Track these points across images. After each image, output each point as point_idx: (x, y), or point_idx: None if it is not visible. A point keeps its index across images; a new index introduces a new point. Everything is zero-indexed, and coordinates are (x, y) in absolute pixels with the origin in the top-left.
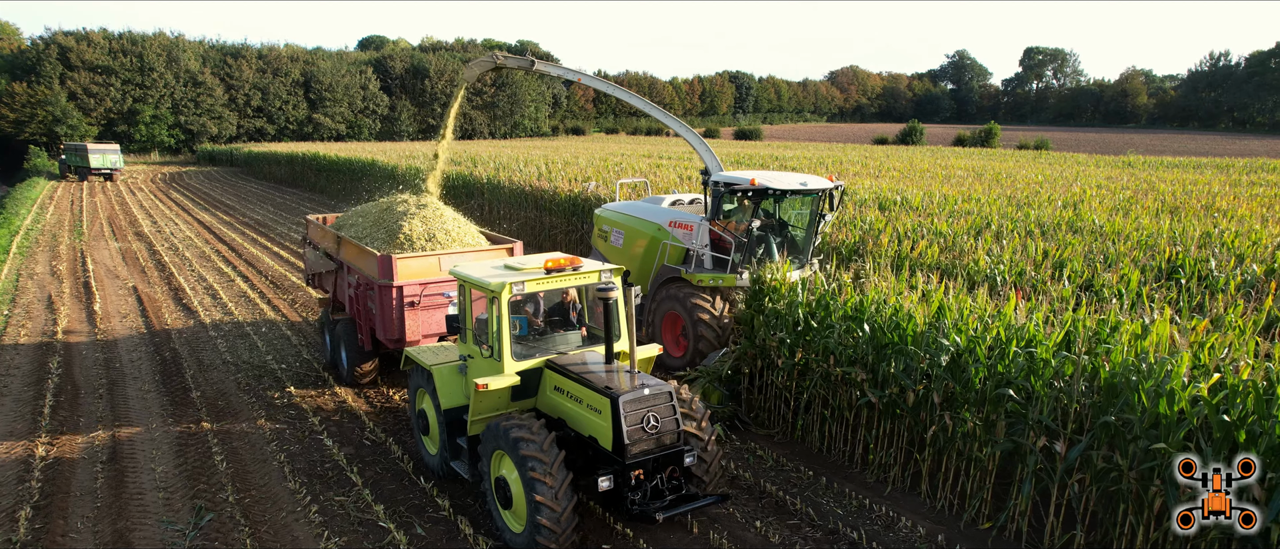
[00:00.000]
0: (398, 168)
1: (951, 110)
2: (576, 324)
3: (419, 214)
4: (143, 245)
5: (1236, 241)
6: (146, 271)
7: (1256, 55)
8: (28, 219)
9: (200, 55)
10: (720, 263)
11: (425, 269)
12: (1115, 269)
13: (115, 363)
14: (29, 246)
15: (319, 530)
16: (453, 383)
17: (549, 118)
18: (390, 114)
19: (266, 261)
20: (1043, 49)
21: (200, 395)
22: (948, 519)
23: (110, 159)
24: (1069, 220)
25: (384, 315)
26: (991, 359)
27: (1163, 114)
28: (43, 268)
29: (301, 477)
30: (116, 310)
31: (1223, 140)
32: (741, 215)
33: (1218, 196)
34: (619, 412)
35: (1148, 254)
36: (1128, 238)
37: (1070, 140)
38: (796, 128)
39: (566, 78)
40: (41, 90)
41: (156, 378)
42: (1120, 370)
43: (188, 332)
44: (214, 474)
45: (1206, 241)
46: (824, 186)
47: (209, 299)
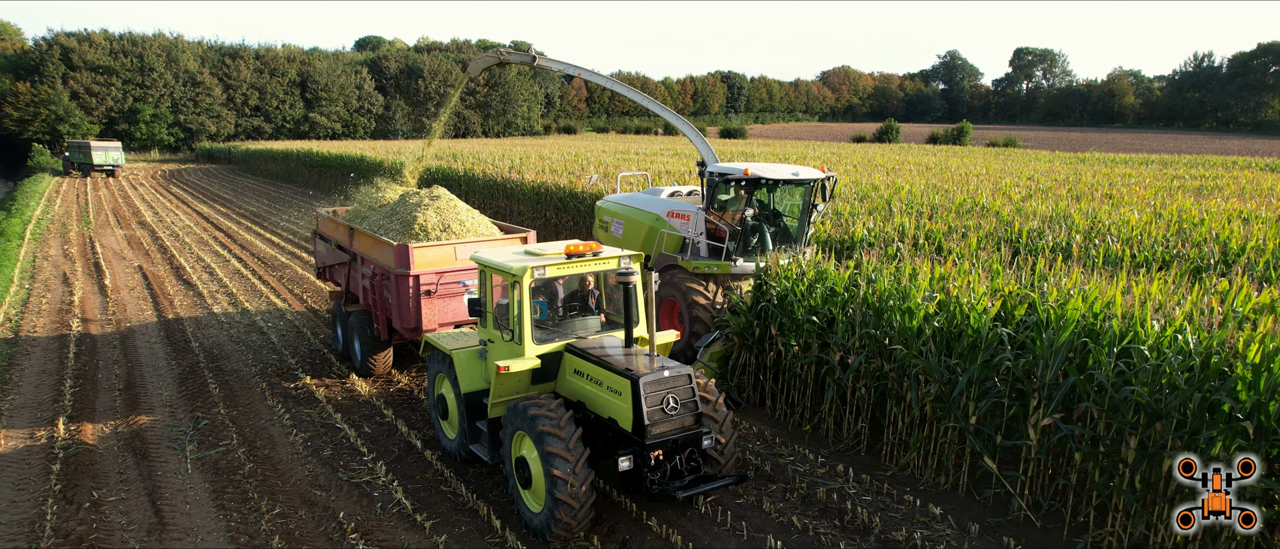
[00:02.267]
0: (383, 162)
1: (943, 110)
2: (594, 310)
3: (433, 205)
4: (145, 232)
5: (1082, 221)
6: (150, 254)
7: (1239, 56)
8: (37, 210)
9: (199, 56)
10: (715, 251)
11: (441, 258)
12: (969, 237)
13: (125, 323)
14: (41, 233)
15: (275, 404)
16: (473, 367)
17: (542, 117)
18: (385, 113)
19: (259, 246)
20: (1032, 49)
21: (199, 346)
22: (781, 423)
23: (113, 156)
24: (960, 203)
25: (401, 305)
26: (806, 296)
27: (1149, 114)
28: (56, 251)
29: (280, 396)
30: (124, 285)
31: (1204, 139)
32: (736, 205)
33: (1130, 188)
34: (639, 393)
35: (1001, 227)
36: (997, 215)
37: (1053, 139)
38: (786, 127)
39: (567, 73)
40: (45, 90)
41: (161, 333)
42: (883, 297)
43: (188, 301)
44: (208, 396)
45: (1063, 220)
46: (815, 177)
47: (207, 275)
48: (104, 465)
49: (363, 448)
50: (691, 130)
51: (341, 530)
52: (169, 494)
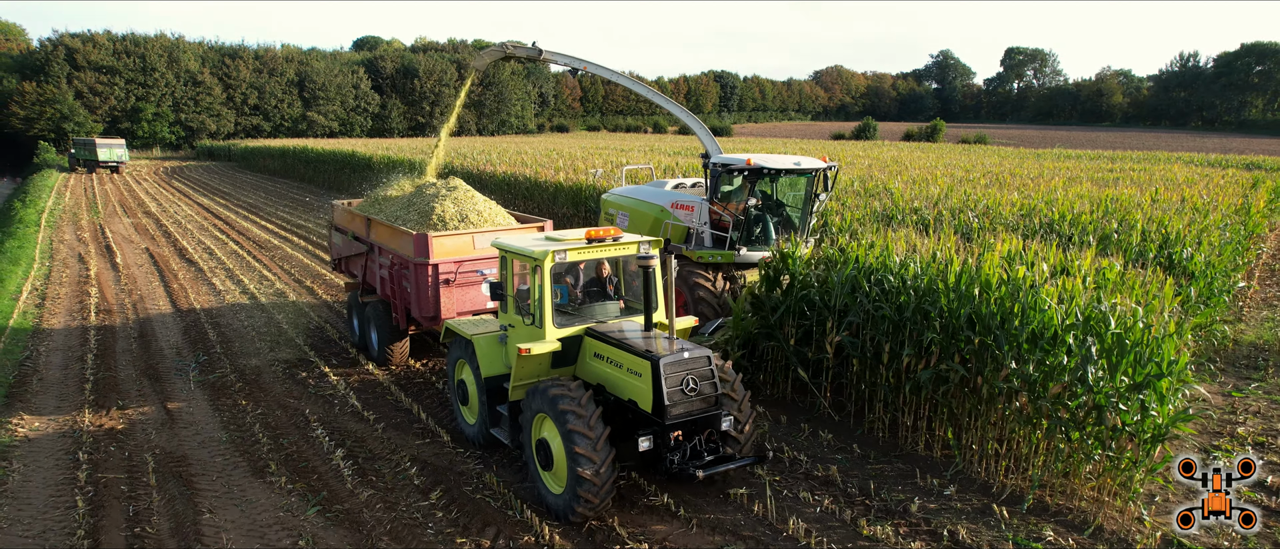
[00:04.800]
0: (372, 157)
1: (935, 109)
2: (612, 296)
3: (450, 196)
4: (151, 221)
5: (992, 204)
6: (155, 238)
7: (1223, 56)
8: (49, 202)
9: (199, 56)
10: (719, 241)
11: (459, 247)
12: (852, 213)
13: (135, 292)
14: (55, 221)
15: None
16: (493, 352)
17: (536, 116)
18: (381, 112)
19: (254, 232)
20: (1023, 49)
21: (199, 307)
22: None
23: (117, 153)
24: (872, 187)
25: (419, 293)
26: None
27: (1137, 113)
28: (70, 236)
29: (266, 340)
30: (134, 263)
31: (1186, 137)
32: (739, 196)
33: (1041, 178)
34: (660, 374)
35: (891, 205)
36: (890, 195)
37: (1037, 137)
38: (774, 126)
39: (573, 66)
40: (50, 89)
41: (166, 299)
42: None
43: (190, 275)
44: (207, 341)
45: (944, 200)
46: (816, 167)
47: (207, 255)
48: (126, 386)
49: (327, 369)
50: (696, 123)
51: (308, 422)
52: (177, 402)
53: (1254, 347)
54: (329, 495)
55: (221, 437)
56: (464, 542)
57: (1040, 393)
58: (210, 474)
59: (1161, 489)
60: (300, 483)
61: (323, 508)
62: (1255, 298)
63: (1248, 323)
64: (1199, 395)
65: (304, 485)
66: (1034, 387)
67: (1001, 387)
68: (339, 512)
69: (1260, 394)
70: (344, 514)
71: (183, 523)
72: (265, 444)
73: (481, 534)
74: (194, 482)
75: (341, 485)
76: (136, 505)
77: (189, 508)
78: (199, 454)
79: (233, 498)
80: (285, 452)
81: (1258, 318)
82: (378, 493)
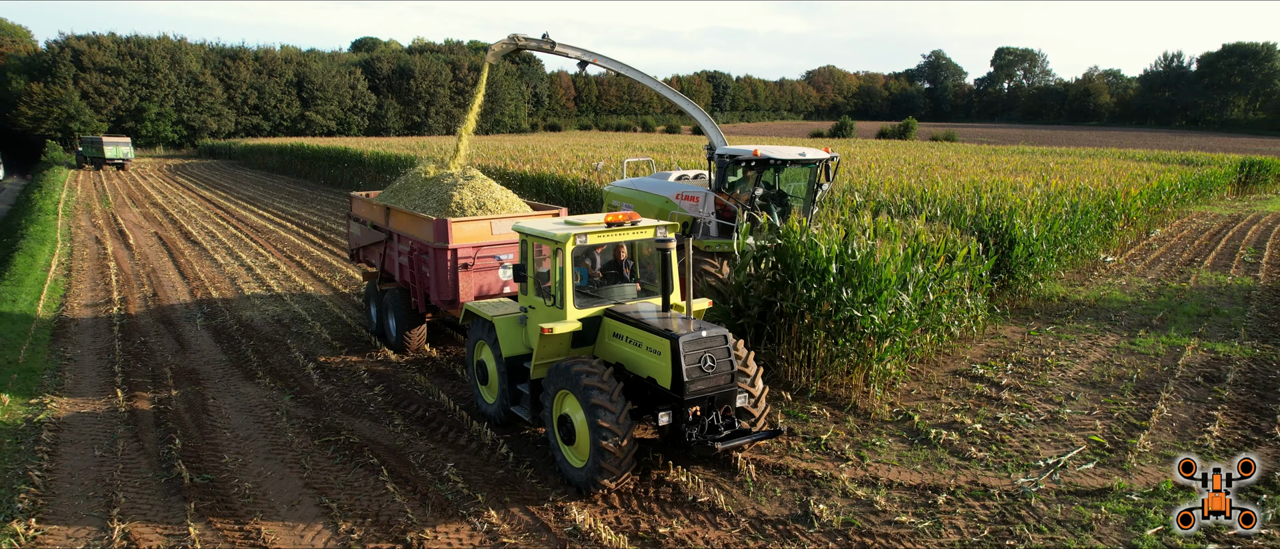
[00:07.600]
0: (363, 153)
1: (927, 109)
2: (629, 279)
3: (467, 184)
4: (158, 210)
5: (929, 189)
6: (163, 225)
7: (1207, 56)
8: (62, 194)
9: (201, 57)
10: (725, 230)
11: (478, 233)
12: None
13: (148, 265)
14: (70, 210)
15: None
16: (513, 333)
17: (530, 116)
18: (378, 111)
19: (253, 219)
20: (1013, 49)
21: (203, 276)
22: None
23: (123, 151)
24: None
25: (438, 278)
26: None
27: (1123, 112)
28: (86, 223)
29: (260, 300)
30: (145, 244)
31: (1168, 136)
32: (745, 186)
33: (981, 170)
34: (679, 351)
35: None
36: (874, 185)
37: (1022, 136)
38: (764, 125)
39: (583, 58)
40: (56, 90)
41: (175, 271)
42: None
43: (195, 253)
44: (212, 301)
45: (881, 187)
46: (820, 157)
47: (209, 238)
48: (145, 328)
49: (307, 317)
50: (702, 115)
51: (288, 348)
52: (186, 339)
53: (1080, 303)
54: (299, 389)
55: (222, 358)
56: (395, 413)
57: (816, 310)
58: (214, 380)
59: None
60: (279, 383)
61: (294, 396)
62: (1113, 269)
63: (1089, 286)
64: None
65: (282, 384)
66: (815, 307)
67: (798, 309)
68: (305, 398)
69: (1051, 333)
70: (309, 399)
71: (194, 404)
72: (254, 362)
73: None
74: (202, 384)
75: (309, 382)
76: (159, 395)
77: (197, 396)
78: (205, 369)
79: (230, 392)
80: (269, 365)
81: (1104, 283)
82: (337, 388)
